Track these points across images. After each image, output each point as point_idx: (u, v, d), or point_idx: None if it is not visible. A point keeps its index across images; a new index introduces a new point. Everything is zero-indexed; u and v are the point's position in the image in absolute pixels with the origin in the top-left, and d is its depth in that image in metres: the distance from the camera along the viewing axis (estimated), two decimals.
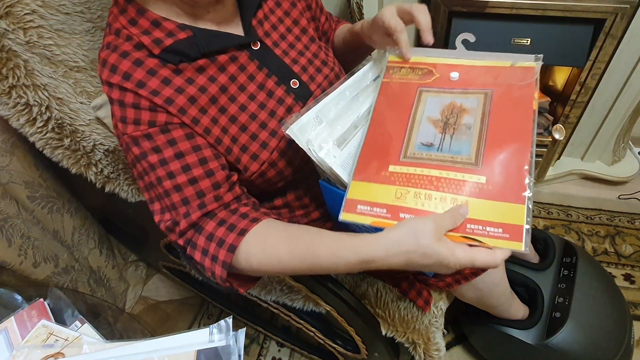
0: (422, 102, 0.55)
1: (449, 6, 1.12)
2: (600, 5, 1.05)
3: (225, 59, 0.57)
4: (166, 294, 1.30)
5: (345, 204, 0.50)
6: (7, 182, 0.83)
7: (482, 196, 0.47)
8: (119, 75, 0.51)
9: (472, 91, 0.55)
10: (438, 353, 0.80)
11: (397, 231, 0.45)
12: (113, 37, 0.54)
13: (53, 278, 0.92)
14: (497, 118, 0.52)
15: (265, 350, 1.15)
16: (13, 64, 0.65)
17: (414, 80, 0.58)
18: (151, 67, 0.52)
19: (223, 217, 0.54)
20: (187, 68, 0.54)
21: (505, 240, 0.45)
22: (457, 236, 0.46)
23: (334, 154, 0.56)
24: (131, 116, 0.52)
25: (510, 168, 0.48)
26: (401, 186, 0.50)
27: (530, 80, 0.53)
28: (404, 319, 0.77)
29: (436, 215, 0.46)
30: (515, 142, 0.49)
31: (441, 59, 0.59)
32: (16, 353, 0.51)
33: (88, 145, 0.78)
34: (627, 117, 1.30)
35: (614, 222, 1.37)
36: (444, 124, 0.53)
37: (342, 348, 0.90)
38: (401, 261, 0.45)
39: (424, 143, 0.52)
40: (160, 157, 0.53)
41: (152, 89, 0.52)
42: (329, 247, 0.48)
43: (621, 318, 0.93)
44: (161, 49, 0.53)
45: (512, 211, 0.46)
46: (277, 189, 0.68)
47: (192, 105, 0.54)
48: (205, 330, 0.52)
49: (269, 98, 0.61)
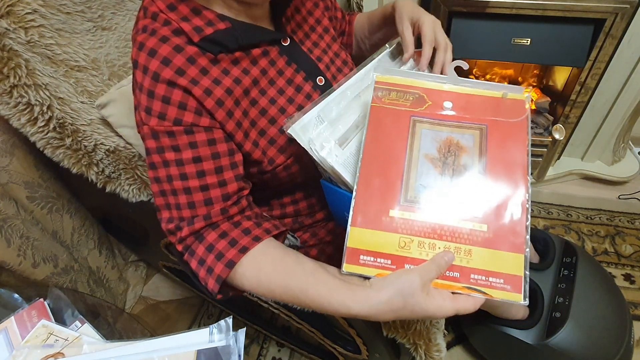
0: (417, 135, 0.53)
1: (449, 6, 1.12)
2: (600, 5, 1.05)
3: (258, 53, 0.58)
4: (166, 294, 1.30)
5: (347, 253, 0.48)
6: (6, 182, 0.83)
7: (484, 245, 0.47)
8: (157, 60, 0.50)
9: (467, 126, 0.54)
10: (439, 354, 0.80)
11: (386, 291, 0.45)
12: (149, 20, 0.52)
13: (52, 278, 0.92)
14: (494, 160, 0.51)
15: (265, 350, 1.15)
16: (14, 64, 0.65)
17: (405, 107, 0.55)
18: (191, 55, 0.51)
19: (225, 229, 0.53)
20: (224, 59, 0.54)
21: (506, 292, 0.46)
22: (460, 286, 0.47)
23: (335, 153, 0.56)
24: (157, 109, 0.51)
25: (508, 215, 0.48)
26: (404, 235, 0.48)
27: (522, 117, 0.53)
28: (405, 320, 0.77)
29: (421, 269, 0.46)
30: (512, 185, 0.50)
31: (432, 84, 0.57)
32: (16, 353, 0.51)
33: (89, 144, 0.78)
34: (627, 117, 1.30)
35: (614, 222, 1.37)
36: (443, 163, 0.52)
37: (342, 349, 0.90)
38: (390, 317, 0.46)
39: (424, 185, 0.50)
40: (177, 157, 0.52)
41: (192, 78, 0.51)
42: (321, 296, 0.48)
43: (621, 318, 0.93)
44: (201, 37, 0.52)
45: (511, 261, 0.47)
46: (295, 184, 0.68)
47: (228, 97, 0.54)
48: (205, 330, 0.52)
49: (297, 93, 0.62)
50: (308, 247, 0.75)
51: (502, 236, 0.47)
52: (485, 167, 0.51)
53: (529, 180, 0.50)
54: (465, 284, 0.47)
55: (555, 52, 1.16)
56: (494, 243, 0.47)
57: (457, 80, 0.57)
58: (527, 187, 0.49)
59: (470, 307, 0.46)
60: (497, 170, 0.51)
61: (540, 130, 1.45)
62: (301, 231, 0.75)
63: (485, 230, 0.48)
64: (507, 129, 0.53)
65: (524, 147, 0.51)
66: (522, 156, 0.51)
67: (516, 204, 0.49)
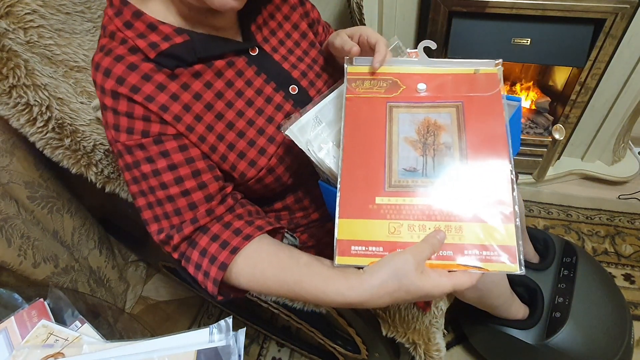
0: (395, 120, 0.53)
1: (449, 6, 1.12)
2: (600, 5, 1.05)
3: (222, 64, 0.57)
4: (166, 294, 1.30)
5: (338, 246, 0.48)
6: (7, 182, 0.83)
7: (474, 220, 0.47)
8: (112, 80, 0.50)
9: (443, 104, 0.54)
10: (438, 353, 0.80)
11: (379, 274, 0.45)
12: (107, 39, 0.53)
13: (53, 278, 0.92)
14: (473, 135, 0.51)
15: (265, 350, 1.15)
16: (13, 64, 0.65)
17: (380, 94, 0.55)
18: (146, 72, 0.51)
19: (216, 232, 0.54)
20: (183, 73, 0.53)
21: (502, 263, 0.46)
22: (455, 264, 0.46)
23: (333, 155, 0.56)
24: (124, 125, 0.51)
25: (494, 187, 0.48)
26: (393, 220, 0.48)
27: (496, 89, 0.53)
28: (405, 319, 0.77)
29: (414, 249, 0.46)
30: (494, 157, 0.50)
31: (404, 68, 0.57)
32: (16, 353, 0.51)
33: (88, 145, 0.78)
34: (627, 117, 1.30)
35: (614, 222, 1.37)
36: (423, 145, 0.52)
37: (342, 348, 0.90)
38: (387, 301, 0.46)
39: (407, 169, 0.50)
40: (153, 168, 0.52)
41: (147, 95, 0.51)
42: (316, 286, 0.48)
43: (621, 318, 0.93)
44: (157, 53, 0.51)
45: (503, 232, 0.46)
46: (275, 194, 0.68)
47: (187, 113, 0.53)
48: (205, 330, 0.52)
49: (267, 104, 0.60)
50: (306, 247, 0.75)
51: (491, 209, 0.47)
52: (466, 143, 0.51)
53: (510, 151, 0.49)
54: (460, 261, 0.46)
55: (555, 52, 1.16)
56: (483, 217, 0.47)
57: (428, 62, 0.57)
58: (509, 158, 0.49)
59: (467, 282, 0.46)
60: (477, 144, 0.51)
61: (540, 130, 1.45)
62: (299, 232, 0.75)
63: (473, 205, 0.48)
64: (482, 103, 0.53)
65: (501, 119, 0.51)
66: (501, 128, 0.51)
67: (500, 175, 0.48)
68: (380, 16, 1.23)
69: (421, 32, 1.23)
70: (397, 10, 1.21)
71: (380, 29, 1.26)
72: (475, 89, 0.54)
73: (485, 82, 0.54)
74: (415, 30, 1.26)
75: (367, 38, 0.59)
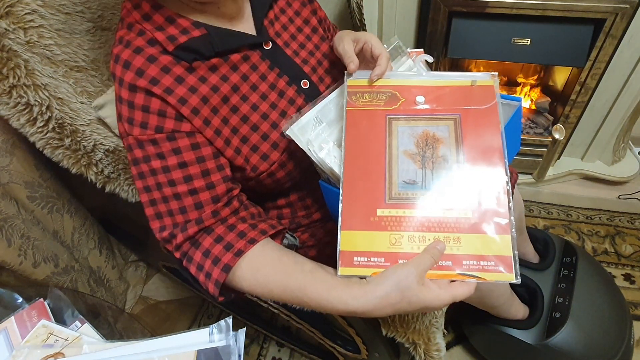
0: (394, 133, 0.54)
1: (449, 6, 1.12)
2: (600, 5, 1.05)
3: (238, 58, 0.57)
4: (166, 294, 1.30)
5: (341, 257, 0.49)
6: (7, 182, 0.83)
7: (472, 231, 0.48)
8: (132, 72, 0.50)
9: (441, 117, 0.55)
10: (438, 353, 0.80)
11: (383, 286, 0.46)
12: (125, 31, 0.53)
13: (53, 278, 0.92)
14: (470, 147, 0.52)
15: (265, 350, 1.15)
16: (13, 64, 0.65)
17: (379, 107, 0.56)
18: (165, 64, 0.51)
19: (220, 233, 0.54)
20: (200, 66, 0.54)
21: (499, 273, 0.47)
22: (454, 274, 0.47)
23: (334, 154, 0.56)
24: (139, 119, 0.51)
25: (491, 198, 0.49)
26: (394, 231, 0.49)
27: (492, 102, 0.54)
28: (405, 319, 0.77)
29: (416, 261, 0.46)
30: (490, 170, 0.51)
31: (402, 81, 0.58)
32: (16, 353, 0.51)
33: (88, 145, 0.78)
34: (627, 117, 1.30)
35: (614, 222, 1.37)
36: (422, 157, 0.53)
37: (342, 348, 0.90)
38: (389, 312, 0.46)
39: (406, 181, 0.51)
40: (163, 164, 0.52)
41: (166, 87, 0.51)
42: (320, 294, 0.49)
43: (621, 318, 0.93)
44: (175, 46, 0.52)
45: (500, 243, 0.48)
46: (283, 189, 0.68)
47: (204, 106, 0.54)
48: (205, 330, 0.52)
49: (280, 98, 0.61)
50: (307, 247, 0.75)
51: (488, 220, 0.48)
52: (463, 156, 0.52)
53: (506, 163, 0.51)
54: (458, 271, 0.47)
55: (555, 52, 1.16)
56: (481, 228, 0.48)
57: (426, 74, 0.59)
58: (505, 170, 0.50)
59: (465, 292, 0.47)
60: (474, 157, 0.52)
61: (540, 130, 1.45)
62: (299, 232, 0.75)
63: (470, 217, 0.49)
64: (479, 116, 0.54)
65: (497, 131, 0.52)
66: (497, 140, 0.52)
67: (497, 187, 0.50)
68: (380, 16, 1.23)
69: (421, 32, 1.23)
70: (397, 10, 1.21)
71: (380, 29, 1.26)
72: (472, 102, 0.55)
73: (481, 95, 0.55)
74: (415, 30, 1.26)
75: (372, 48, 0.59)
